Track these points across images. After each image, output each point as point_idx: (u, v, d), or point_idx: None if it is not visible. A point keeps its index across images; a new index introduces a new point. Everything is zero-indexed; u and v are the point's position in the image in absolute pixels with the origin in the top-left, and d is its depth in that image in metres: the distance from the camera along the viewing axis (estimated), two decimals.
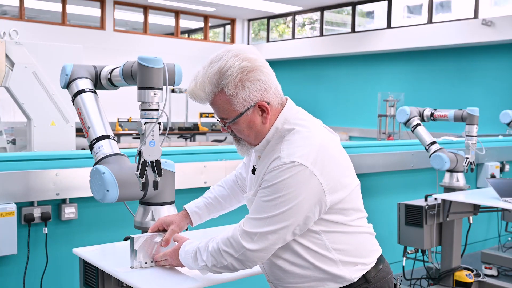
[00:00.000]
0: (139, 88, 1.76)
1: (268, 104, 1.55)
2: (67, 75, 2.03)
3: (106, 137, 1.90)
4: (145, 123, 1.74)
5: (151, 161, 1.76)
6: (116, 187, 1.73)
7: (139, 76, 1.74)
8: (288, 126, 1.57)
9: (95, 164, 1.83)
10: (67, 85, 2.03)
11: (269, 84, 1.57)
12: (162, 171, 1.79)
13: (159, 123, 1.76)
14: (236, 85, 1.51)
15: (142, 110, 1.76)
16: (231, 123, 1.56)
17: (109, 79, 2.03)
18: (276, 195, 1.45)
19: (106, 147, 1.86)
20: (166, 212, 1.88)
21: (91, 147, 1.90)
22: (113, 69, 2.03)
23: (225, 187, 2.02)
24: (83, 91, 1.99)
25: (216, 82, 1.52)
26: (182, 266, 1.69)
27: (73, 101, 2.01)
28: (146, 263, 1.76)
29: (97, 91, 2.06)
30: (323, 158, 1.49)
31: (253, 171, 1.66)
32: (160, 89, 1.77)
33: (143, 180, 1.76)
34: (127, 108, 9.54)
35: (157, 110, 1.75)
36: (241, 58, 1.52)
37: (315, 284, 1.57)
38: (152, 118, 1.74)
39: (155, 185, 1.80)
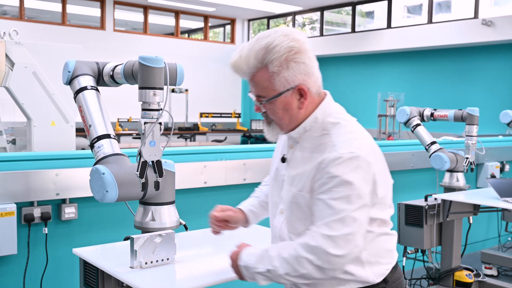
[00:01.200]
0: (140, 88, 1.75)
1: (308, 90, 1.53)
2: (69, 71, 2.03)
3: (107, 136, 1.90)
4: (145, 123, 1.74)
5: (152, 162, 1.76)
6: (116, 188, 1.73)
7: (140, 75, 1.74)
8: (333, 119, 1.55)
9: (95, 163, 1.83)
10: (69, 82, 2.03)
11: (312, 70, 1.54)
12: (164, 171, 1.79)
13: (160, 123, 1.75)
14: (281, 63, 1.48)
15: (142, 110, 1.76)
16: (267, 101, 1.53)
17: (111, 76, 2.03)
18: (346, 189, 1.41)
19: (106, 147, 1.86)
20: (166, 212, 1.87)
21: (91, 146, 1.90)
22: (116, 66, 2.03)
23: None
24: (85, 88, 1.98)
25: (261, 57, 1.49)
26: (238, 273, 1.58)
27: (75, 98, 2.00)
28: (146, 263, 1.76)
29: (99, 88, 2.05)
30: (374, 151, 1.52)
31: (283, 159, 1.62)
32: (161, 88, 1.76)
33: (143, 180, 1.76)
34: (127, 108, 9.54)
35: (158, 110, 1.75)
36: (290, 38, 1.50)
37: (336, 283, 1.53)
38: (152, 118, 1.74)
39: (157, 185, 1.80)
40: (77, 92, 1.99)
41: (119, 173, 1.75)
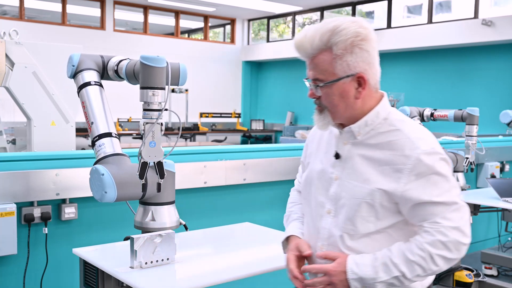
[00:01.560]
0: (141, 88, 1.75)
1: (367, 80, 1.50)
2: (73, 65, 2.01)
3: (109, 135, 1.88)
4: (146, 123, 1.74)
5: (154, 163, 1.75)
6: (114, 189, 1.73)
7: (142, 75, 1.74)
8: (397, 116, 1.55)
9: (96, 162, 1.83)
10: (73, 76, 2.02)
11: (374, 62, 1.52)
12: (165, 172, 1.78)
13: (160, 124, 1.75)
14: (346, 47, 1.47)
15: (144, 110, 1.75)
16: (325, 85, 1.50)
17: (116, 71, 2.02)
18: (445, 182, 1.46)
19: (107, 146, 1.85)
20: (166, 212, 1.87)
21: (93, 143, 1.89)
22: (120, 61, 2.01)
23: (301, 203, 1.83)
24: (88, 84, 1.96)
25: (326, 39, 1.47)
26: (345, 285, 1.49)
27: (78, 93, 1.99)
28: (146, 263, 1.76)
29: (104, 82, 2.04)
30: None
31: (337, 155, 1.57)
32: (162, 88, 1.76)
33: (144, 181, 1.75)
34: (127, 108, 9.54)
35: (159, 110, 1.74)
36: (358, 24, 1.50)
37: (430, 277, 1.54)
38: (152, 118, 1.73)
39: (158, 187, 1.79)
40: (80, 87, 1.97)
41: (118, 174, 1.75)
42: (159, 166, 1.76)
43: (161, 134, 1.76)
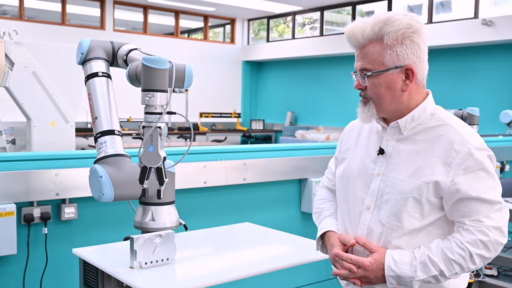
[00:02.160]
0: (143, 90, 1.71)
1: (415, 73, 1.51)
2: (82, 53, 1.97)
3: (111, 132, 1.86)
4: (144, 127, 1.71)
5: (154, 168, 1.72)
6: (111, 191, 1.72)
7: (143, 77, 1.70)
8: (444, 112, 1.56)
9: (96, 161, 1.82)
10: (82, 63, 1.99)
11: (423, 56, 1.53)
12: (166, 178, 1.75)
13: (159, 127, 1.71)
14: (397, 38, 1.48)
15: (145, 113, 1.72)
16: (372, 74, 1.51)
17: (125, 61, 1.98)
18: (491, 179, 1.47)
19: (109, 145, 1.83)
20: (166, 212, 1.87)
21: (95, 139, 1.88)
22: (130, 51, 1.97)
23: (333, 200, 1.82)
24: (96, 75, 1.93)
25: (378, 29, 1.49)
26: (380, 281, 1.50)
27: (85, 82, 1.96)
28: (146, 263, 1.76)
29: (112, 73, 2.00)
30: None
31: (381, 151, 1.56)
32: (164, 91, 1.72)
33: (143, 186, 1.73)
34: (127, 108, 9.53)
35: (160, 113, 1.71)
36: (410, 18, 1.50)
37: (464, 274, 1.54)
38: (150, 122, 1.70)
39: (158, 194, 1.76)
40: (87, 77, 1.94)
41: (116, 177, 1.74)
42: (158, 172, 1.72)
43: (161, 139, 1.71)
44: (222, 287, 1.79)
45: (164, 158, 1.74)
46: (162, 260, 1.79)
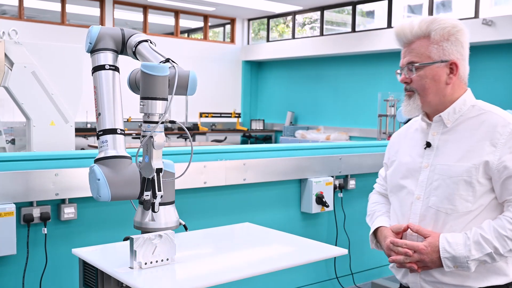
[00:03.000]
0: (142, 98, 1.69)
1: (458, 67, 1.64)
2: (90, 43, 1.92)
3: (114, 131, 1.85)
4: (143, 136, 1.69)
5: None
6: (108, 193, 1.72)
7: (142, 84, 1.68)
8: (486, 104, 1.67)
9: (96, 160, 1.82)
10: (90, 52, 1.95)
11: (465, 55, 1.67)
12: (159, 192, 1.72)
13: (151, 137, 1.67)
14: (443, 34, 1.62)
15: (144, 122, 1.70)
16: (420, 66, 1.63)
17: (134, 52, 1.95)
18: None
19: (110, 145, 1.82)
20: (166, 212, 1.87)
21: (97, 136, 1.87)
22: (140, 42, 1.92)
23: (385, 203, 1.92)
24: (102, 67, 1.88)
25: (426, 27, 1.63)
26: (436, 264, 1.56)
27: (92, 73, 1.93)
28: (145, 263, 1.75)
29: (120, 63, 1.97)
30: None
31: (428, 144, 1.68)
32: (165, 99, 1.69)
33: (143, 197, 1.72)
34: (127, 108, 9.52)
35: (157, 122, 1.67)
36: (454, 20, 1.66)
37: (476, 276, 1.58)
38: (146, 131, 1.68)
39: (147, 205, 1.75)
40: (94, 69, 1.92)
41: (115, 178, 1.73)
42: (151, 182, 1.69)
43: (156, 149, 1.69)
44: (222, 287, 1.79)
45: (159, 170, 1.71)
46: (162, 260, 1.79)
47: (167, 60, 1.84)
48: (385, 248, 1.70)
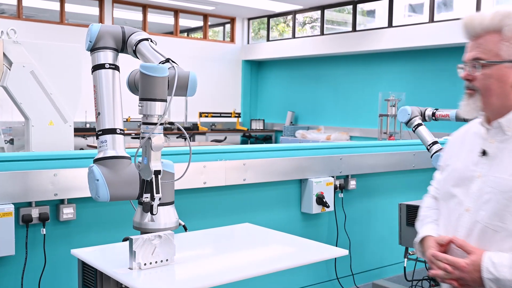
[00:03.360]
0: (141, 99, 1.69)
1: None
2: (90, 41, 1.92)
3: (113, 131, 1.84)
4: (142, 137, 1.69)
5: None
6: (107, 194, 1.72)
7: (140, 86, 1.67)
8: None
9: (95, 160, 1.82)
10: (90, 51, 1.95)
11: None
12: (157, 195, 1.72)
13: (149, 138, 1.67)
14: None
15: (143, 123, 1.70)
16: (487, 63, 1.48)
17: (134, 51, 1.94)
18: None
19: (109, 145, 1.82)
20: (165, 212, 1.87)
21: (97, 136, 1.87)
22: (141, 41, 1.92)
23: (438, 208, 1.79)
24: (102, 66, 1.89)
25: (497, 21, 1.47)
26: (478, 283, 1.45)
27: (92, 72, 1.93)
28: (145, 264, 1.75)
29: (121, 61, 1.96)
30: None
31: (484, 152, 1.54)
32: (164, 100, 1.69)
33: (142, 199, 1.72)
34: (127, 107, 9.51)
35: (155, 124, 1.67)
36: None
37: None
38: (144, 132, 1.68)
39: (146, 208, 1.75)
40: (94, 68, 1.91)
41: (114, 179, 1.73)
42: (149, 186, 1.69)
43: (154, 150, 1.68)
44: None
45: (158, 172, 1.71)
46: (161, 261, 1.79)
47: (167, 60, 1.84)
48: (427, 260, 1.60)
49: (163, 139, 1.72)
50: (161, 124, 1.71)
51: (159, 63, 1.86)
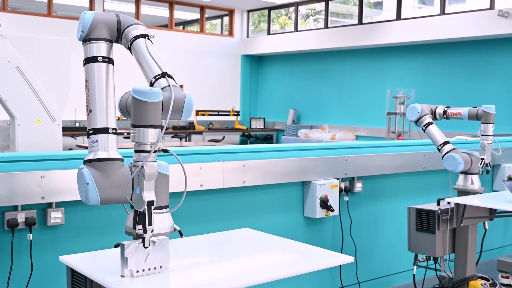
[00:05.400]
0: (133, 126, 1.68)
1: None
2: (83, 31, 1.89)
3: (105, 130, 1.84)
4: (134, 166, 1.69)
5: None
6: (97, 198, 1.72)
7: (133, 111, 1.66)
8: None
9: (85, 161, 1.82)
10: (83, 41, 1.93)
11: None
12: (150, 227, 1.71)
13: (142, 167, 1.67)
14: None
15: (135, 151, 1.70)
16: None
17: (129, 47, 1.93)
18: None
19: (101, 146, 1.82)
20: (160, 217, 1.87)
21: (87, 135, 1.87)
22: (137, 37, 1.91)
23: None
24: (95, 59, 1.87)
25: None
26: None
27: (83, 64, 1.91)
28: (137, 271, 1.76)
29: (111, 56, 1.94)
30: None
31: None
32: (157, 126, 1.67)
33: (136, 231, 1.72)
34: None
35: (149, 152, 1.67)
36: None
37: None
38: (137, 161, 1.67)
39: (137, 237, 1.74)
40: (86, 60, 1.89)
41: (104, 182, 1.73)
42: (142, 217, 1.69)
43: (146, 180, 1.68)
44: None
45: (151, 202, 1.70)
46: (155, 268, 1.79)
47: (163, 75, 1.83)
48: None
49: (157, 168, 1.71)
50: (155, 152, 1.70)
51: (154, 77, 1.85)
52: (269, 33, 12.92)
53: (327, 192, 3.58)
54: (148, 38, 1.94)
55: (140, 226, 1.72)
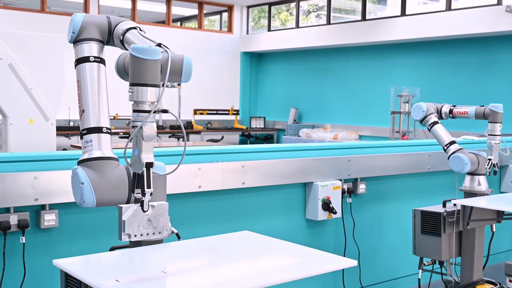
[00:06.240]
0: (131, 84, 1.69)
1: None
2: (73, 32, 1.93)
3: (99, 130, 1.84)
4: (133, 126, 1.69)
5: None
6: (93, 199, 1.72)
7: (131, 69, 1.68)
8: None
9: (79, 162, 1.82)
10: (73, 43, 1.95)
11: None
12: (147, 189, 1.72)
13: (141, 127, 1.67)
14: None
15: (133, 111, 1.70)
16: None
17: (121, 41, 1.94)
18: None
19: (95, 145, 1.82)
20: None
21: (81, 135, 1.87)
22: (128, 30, 1.93)
23: None
24: (86, 59, 1.89)
25: None
26: None
27: (75, 65, 1.93)
28: (135, 235, 1.74)
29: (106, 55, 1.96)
30: None
31: None
32: (156, 85, 1.70)
33: (135, 195, 1.72)
34: (114, 104, 9.52)
35: (149, 111, 1.69)
36: None
37: None
38: (135, 121, 1.68)
39: (141, 204, 1.75)
40: (77, 61, 1.92)
41: (100, 182, 1.73)
42: (140, 179, 1.70)
43: (145, 140, 1.68)
44: None
45: (150, 164, 1.71)
46: (154, 233, 1.77)
47: (159, 45, 1.85)
48: None
49: (156, 129, 1.71)
50: (154, 112, 1.70)
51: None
52: (269, 30, 12.92)
53: (329, 194, 3.58)
54: (140, 29, 1.96)
55: (139, 190, 1.71)
